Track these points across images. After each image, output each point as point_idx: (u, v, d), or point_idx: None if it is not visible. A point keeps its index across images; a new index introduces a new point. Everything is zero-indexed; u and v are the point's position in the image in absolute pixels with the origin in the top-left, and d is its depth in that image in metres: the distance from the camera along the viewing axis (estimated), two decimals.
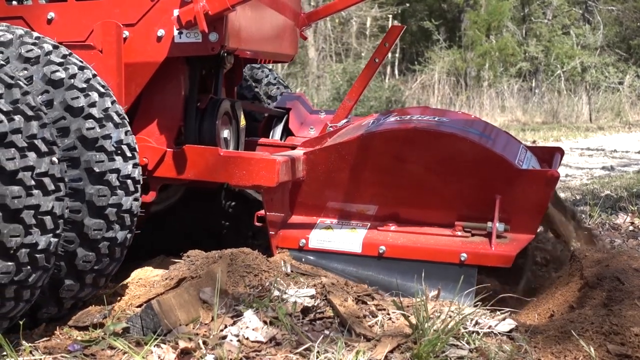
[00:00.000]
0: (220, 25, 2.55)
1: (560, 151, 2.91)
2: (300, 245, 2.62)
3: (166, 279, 2.40)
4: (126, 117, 2.38)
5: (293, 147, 2.96)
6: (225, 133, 2.82)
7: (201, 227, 3.42)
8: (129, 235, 2.31)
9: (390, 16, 17.82)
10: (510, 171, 2.49)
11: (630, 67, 17.84)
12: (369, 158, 2.63)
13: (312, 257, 2.61)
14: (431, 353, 1.91)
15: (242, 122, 2.94)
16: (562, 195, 5.34)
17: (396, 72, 18.36)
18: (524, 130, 12.71)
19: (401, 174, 2.61)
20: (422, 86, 16.68)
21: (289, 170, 2.59)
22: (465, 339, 2.01)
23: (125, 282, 2.75)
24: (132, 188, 2.29)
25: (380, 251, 2.55)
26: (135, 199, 2.32)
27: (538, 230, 2.65)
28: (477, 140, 2.54)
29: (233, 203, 3.40)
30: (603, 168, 7.95)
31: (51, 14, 2.66)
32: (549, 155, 2.89)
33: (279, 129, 3.28)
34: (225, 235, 3.43)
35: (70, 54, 2.33)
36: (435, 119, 2.64)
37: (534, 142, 10.48)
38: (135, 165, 2.32)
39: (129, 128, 2.35)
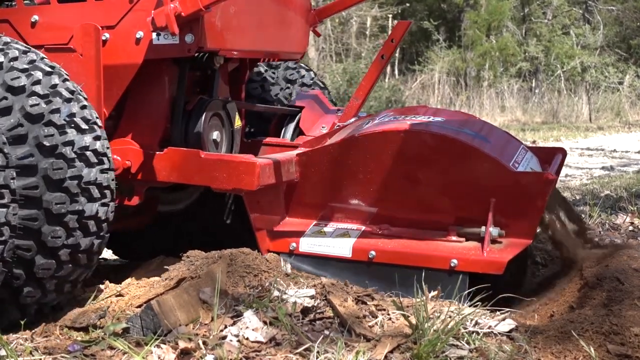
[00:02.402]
0: (196, 26, 2.52)
1: (562, 152, 2.83)
2: (291, 249, 2.57)
3: (166, 279, 2.40)
4: (97, 121, 2.35)
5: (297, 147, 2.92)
6: (215, 134, 2.77)
7: (212, 227, 3.37)
8: (96, 242, 2.29)
9: (390, 16, 17.82)
10: (503, 174, 2.43)
11: (630, 67, 17.84)
12: (359, 160, 2.58)
13: (301, 262, 2.56)
14: (431, 353, 1.91)
15: (238, 122, 2.90)
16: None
17: (396, 72, 18.36)
18: (524, 130, 12.71)
19: (392, 177, 2.56)
20: (422, 86, 16.68)
21: (273, 172, 2.54)
22: (465, 339, 2.00)
23: (124, 282, 2.75)
24: (96, 194, 2.26)
25: (370, 256, 2.49)
26: (103, 205, 2.29)
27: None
28: (468, 141, 2.47)
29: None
30: (603, 168, 7.95)
31: (35, 17, 2.65)
32: (551, 156, 2.81)
33: (290, 129, 3.20)
34: (229, 235, 3.40)
35: (42, 59, 2.32)
36: (429, 119, 2.58)
37: (533, 142, 10.48)
38: (103, 171, 2.30)
39: (98, 133, 2.32)
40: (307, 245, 2.58)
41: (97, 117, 2.37)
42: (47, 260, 2.17)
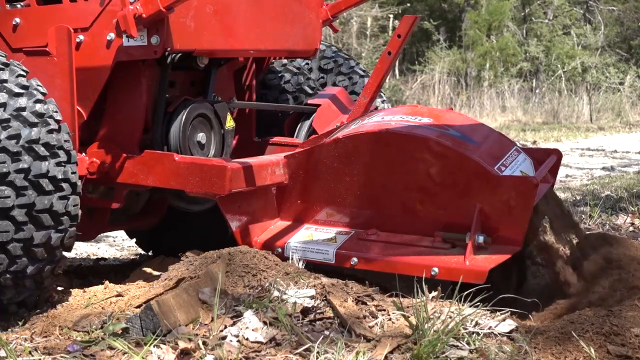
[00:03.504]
0: (161, 27, 2.51)
1: (556, 153, 2.72)
2: (276, 253, 2.53)
3: (165, 279, 2.39)
4: (38, 88, 2.38)
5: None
6: (200, 136, 2.74)
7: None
8: (54, 235, 2.29)
9: (391, 16, 17.81)
10: (487, 177, 2.36)
11: (630, 68, 17.82)
12: (344, 162, 2.54)
13: None
14: (431, 354, 1.91)
15: (230, 123, 2.84)
16: (562, 195, 5.34)
17: (397, 72, 18.36)
18: (524, 130, 12.71)
19: (377, 180, 2.52)
20: (422, 86, 16.67)
21: (248, 176, 2.51)
22: (466, 339, 2.00)
23: (124, 282, 2.75)
24: (49, 187, 2.26)
25: (352, 263, 2.46)
26: (62, 198, 2.29)
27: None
28: (448, 143, 2.41)
29: None
30: (603, 168, 7.95)
31: (16, 20, 2.66)
32: (546, 158, 2.70)
33: (305, 127, 3.11)
34: None
35: None
36: (416, 120, 2.53)
37: (534, 142, 10.47)
38: (59, 164, 2.30)
39: (53, 126, 2.33)
40: (293, 250, 2.55)
41: (39, 85, 2.40)
42: None
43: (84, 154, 2.66)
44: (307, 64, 3.45)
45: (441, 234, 2.45)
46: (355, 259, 2.47)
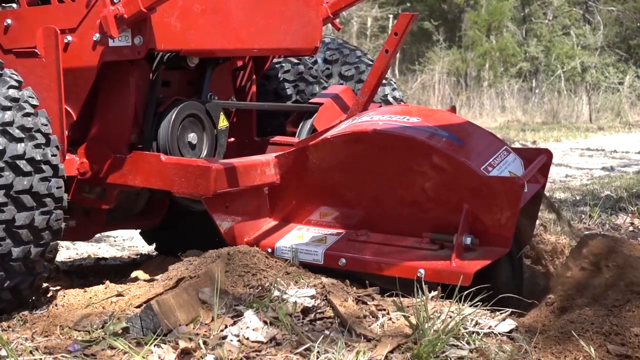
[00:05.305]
0: (144, 27, 2.51)
1: (546, 153, 2.62)
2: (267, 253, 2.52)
3: (165, 279, 2.40)
4: (16, 78, 2.40)
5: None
6: (191, 137, 2.72)
7: None
8: (38, 216, 2.29)
9: (391, 16, 17.82)
10: (473, 178, 2.34)
11: (630, 68, 17.82)
12: (333, 162, 2.53)
13: None
14: (431, 353, 1.91)
15: (223, 123, 2.82)
16: (562, 195, 5.35)
17: (397, 72, 18.37)
18: (524, 130, 12.70)
19: (365, 180, 2.50)
20: (422, 86, 16.67)
21: (233, 177, 2.50)
22: (466, 339, 2.01)
23: (124, 282, 2.76)
24: (27, 169, 2.27)
25: (341, 263, 2.45)
26: (43, 179, 2.30)
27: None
28: (434, 143, 2.39)
29: None
30: (603, 168, 7.95)
31: (8, 21, 2.67)
32: (536, 158, 2.61)
33: (306, 126, 3.07)
34: None
35: None
36: (405, 120, 2.50)
37: (534, 142, 10.48)
38: (38, 146, 2.31)
39: (29, 110, 2.35)
40: (282, 250, 2.54)
41: (13, 73, 2.43)
42: None
43: (74, 154, 2.67)
44: (327, 68, 3.42)
45: (429, 235, 2.43)
46: (343, 260, 2.46)
